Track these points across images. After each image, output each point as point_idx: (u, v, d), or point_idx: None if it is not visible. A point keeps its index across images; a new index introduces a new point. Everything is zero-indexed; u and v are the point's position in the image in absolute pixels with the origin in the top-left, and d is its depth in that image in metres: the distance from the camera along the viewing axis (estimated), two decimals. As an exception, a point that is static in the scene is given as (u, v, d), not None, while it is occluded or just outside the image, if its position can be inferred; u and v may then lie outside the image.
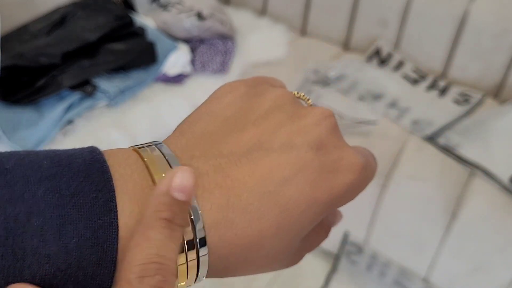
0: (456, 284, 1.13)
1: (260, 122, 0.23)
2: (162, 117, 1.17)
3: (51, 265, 0.17)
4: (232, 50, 1.32)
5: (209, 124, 0.23)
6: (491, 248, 1.04)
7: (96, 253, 0.18)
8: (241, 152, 0.21)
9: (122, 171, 0.20)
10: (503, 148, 1.09)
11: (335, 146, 0.23)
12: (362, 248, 1.20)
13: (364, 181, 0.24)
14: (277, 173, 0.21)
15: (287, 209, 0.21)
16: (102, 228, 0.18)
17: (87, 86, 1.07)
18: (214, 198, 0.20)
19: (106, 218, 0.18)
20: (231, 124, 0.23)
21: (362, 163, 0.23)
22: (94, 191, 0.18)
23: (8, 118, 1.01)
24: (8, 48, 1.09)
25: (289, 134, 0.22)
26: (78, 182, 0.18)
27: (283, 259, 0.23)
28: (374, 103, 1.24)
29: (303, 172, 0.21)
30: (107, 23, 1.15)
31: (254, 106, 0.23)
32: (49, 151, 0.19)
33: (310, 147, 0.22)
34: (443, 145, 1.12)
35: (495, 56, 1.27)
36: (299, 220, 0.21)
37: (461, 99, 1.27)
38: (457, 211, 1.05)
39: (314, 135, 0.22)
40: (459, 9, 1.28)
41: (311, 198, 0.21)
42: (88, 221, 0.18)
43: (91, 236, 0.18)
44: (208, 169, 0.21)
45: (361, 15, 1.43)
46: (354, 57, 1.42)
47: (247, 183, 0.21)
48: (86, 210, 0.18)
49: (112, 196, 0.18)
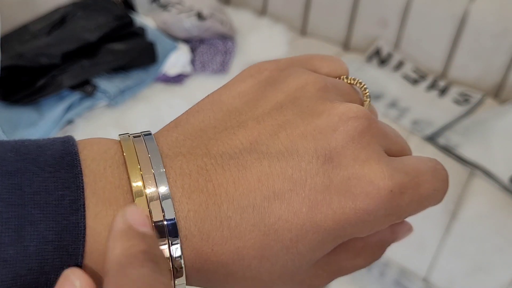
0: (456, 284, 1.12)
1: (263, 118, 0.19)
2: (162, 117, 1.17)
3: (8, 270, 0.15)
4: (232, 50, 1.32)
5: (208, 116, 0.20)
6: (491, 248, 1.04)
7: (60, 257, 0.16)
8: (231, 153, 0.18)
9: (95, 166, 0.17)
10: (503, 148, 1.09)
11: (354, 158, 0.18)
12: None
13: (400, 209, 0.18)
14: (266, 184, 0.17)
15: (274, 231, 0.17)
16: (67, 230, 0.16)
17: (87, 86, 1.07)
18: (191, 203, 0.17)
19: (72, 218, 0.16)
20: (232, 118, 0.19)
21: (390, 186, 0.18)
22: (60, 188, 0.16)
23: (8, 118, 1.01)
24: (8, 48, 1.09)
25: (292, 137, 0.18)
26: (43, 178, 0.16)
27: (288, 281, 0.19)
28: (374, 103, 1.24)
29: (300, 187, 0.17)
30: (107, 23, 1.15)
31: (266, 97, 0.20)
32: (18, 141, 0.17)
33: (316, 157, 0.18)
34: (443, 145, 1.12)
35: (495, 56, 1.27)
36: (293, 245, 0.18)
37: (461, 99, 1.27)
38: (457, 211, 1.05)
39: (325, 142, 0.18)
40: (459, 9, 1.27)
41: (307, 222, 0.17)
42: (51, 221, 0.16)
43: (54, 238, 0.16)
44: (191, 169, 0.18)
45: (361, 15, 1.43)
46: (354, 57, 1.42)
47: (229, 191, 0.17)
48: (50, 210, 0.16)
49: (80, 195, 0.16)
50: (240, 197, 0.17)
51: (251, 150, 0.18)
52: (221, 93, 0.21)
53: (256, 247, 0.17)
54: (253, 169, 0.18)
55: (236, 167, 0.18)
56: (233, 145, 0.18)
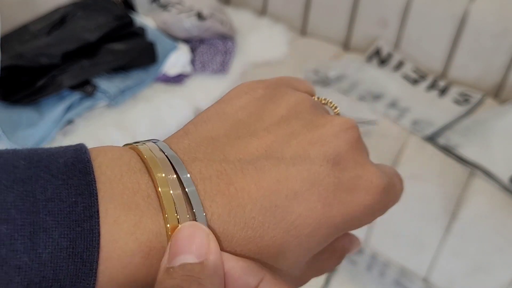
0: (456, 284, 1.13)
1: (273, 129, 0.21)
2: (162, 117, 1.17)
3: (22, 277, 0.15)
4: (232, 50, 1.33)
5: (217, 125, 0.21)
6: (491, 248, 1.04)
7: (74, 264, 0.16)
8: (248, 159, 0.19)
9: (110, 172, 0.18)
10: (503, 148, 1.09)
11: (355, 162, 0.21)
12: (362, 248, 1.20)
13: (385, 205, 0.22)
14: (286, 185, 0.19)
15: (294, 227, 0.19)
16: (81, 237, 0.16)
17: (87, 86, 1.07)
18: (215, 207, 0.18)
19: (86, 225, 0.16)
20: (241, 128, 0.21)
21: (383, 184, 0.21)
22: (74, 195, 0.16)
23: (8, 118, 1.01)
24: (8, 48, 1.09)
25: (303, 145, 0.20)
26: (56, 186, 0.16)
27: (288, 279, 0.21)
28: (374, 103, 1.24)
29: (315, 187, 0.19)
30: (107, 23, 1.15)
31: (269, 111, 0.21)
32: (31, 149, 0.18)
33: (326, 161, 0.20)
34: (443, 145, 1.12)
35: (495, 56, 1.27)
36: (306, 240, 0.19)
37: (461, 99, 1.27)
38: (457, 211, 1.05)
39: (332, 148, 0.20)
40: (459, 9, 1.28)
41: (322, 218, 0.19)
42: (65, 228, 0.16)
43: (68, 245, 0.16)
44: (211, 173, 0.19)
45: (361, 15, 1.43)
46: (354, 57, 1.42)
47: (252, 194, 0.19)
48: (63, 217, 0.16)
49: (93, 201, 0.17)
50: (262, 198, 0.19)
51: (267, 156, 0.20)
52: (223, 106, 0.22)
53: (276, 244, 0.19)
54: (272, 173, 0.19)
55: (255, 171, 0.19)
56: (249, 152, 0.20)
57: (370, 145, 0.95)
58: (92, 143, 0.93)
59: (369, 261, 1.21)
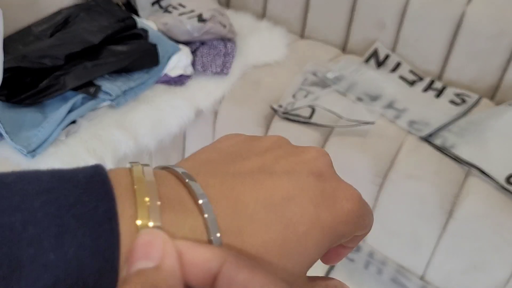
0: (452, 282, 1.13)
1: (263, 154, 0.24)
2: (163, 117, 1.18)
3: (49, 274, 0.16)
4: (232, 52, 1.33)
5: (213, 155, 0.24)
6: (487, 246, 1.04)
7: (97, 262, 0.17)
8: (245, 173, 0.22)
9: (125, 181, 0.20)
10: (499, 148, 1.10)
11: (332, 178, 0.24)
12: (359, 246, 1.21)
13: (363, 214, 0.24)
14: (281, 190, 0.22)
15: (292, 224, 0.21)
16: (103, 236, 0.18)
17: (90, 87, 1.08)
18: (221, 208, 0.20)
19: (106, 226, 0.18)
20: (234, 156, 0.24)
21: (359, 194, 0.24)
22: (94, 201, 0.18)
23: (12, 118, 1.01)
24: (12, 50, 1.09)
25: (290, 163, 0.23)
26: (78, 193, 0.18)
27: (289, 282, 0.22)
28: (372, 103, 1.25)
29: (305, 192, 0.22)
30: (109, 25, 1.15)
31: (256, 145, 0.25)
32: (52, 169, 0.19)
33: (311, 174, 0.23)
34: (439, 145, 1.13)
35: (491, 58, 1.28)
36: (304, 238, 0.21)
37: (457, 100, 1.28)
38: (453, 210, 1.06)
39: (314, 166, 0.24)
40: (455, 11, 1.29)
41: (315, 218, 0.22)
42: (87, 229, 0.17)
43: (91, 244, 0.17)
44: (215, 182, 0.21)
45: (359, 18, 1.44)
46: (352, 58, 1.43)
47: (253, 195, 0.21)
48: (85, 219, 0.17)
49: (112, 205, 0.18)
50: (263, 198, 0.21)
51: (260, 171, 0.23)
52: (215, 144, 0.26)
53: (279, 239, 0.21)
54: (267, 182, 0.22)
55: (252, 181, 0.22)
56: (245, 168, 0.23)
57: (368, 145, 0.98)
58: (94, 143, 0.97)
59: (366, 259, 1.22)
